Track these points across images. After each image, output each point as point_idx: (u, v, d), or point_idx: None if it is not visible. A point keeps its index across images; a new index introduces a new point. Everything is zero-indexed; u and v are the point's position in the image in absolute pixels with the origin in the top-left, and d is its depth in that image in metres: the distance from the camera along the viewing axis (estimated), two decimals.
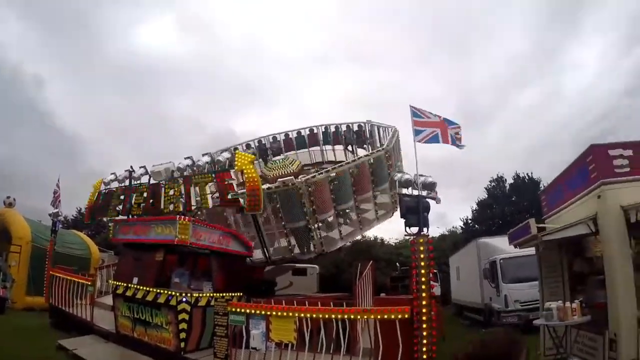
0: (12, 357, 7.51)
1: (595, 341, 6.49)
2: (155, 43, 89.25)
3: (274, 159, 14.72)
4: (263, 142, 17.50)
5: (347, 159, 16.07)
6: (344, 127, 16.40)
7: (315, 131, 17.06)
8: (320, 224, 11.11)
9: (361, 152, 16.00)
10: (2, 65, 60.01)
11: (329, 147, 17.08)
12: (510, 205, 30.96)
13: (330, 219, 11.56)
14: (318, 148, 17.27)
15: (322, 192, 10.53)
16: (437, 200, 6.55)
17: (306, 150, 17.23)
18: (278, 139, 17.43)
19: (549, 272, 8.61)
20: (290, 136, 17.31)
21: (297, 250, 11.34)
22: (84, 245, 17.82)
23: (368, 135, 15.81)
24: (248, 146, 17.66)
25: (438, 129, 7.06)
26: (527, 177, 32.18)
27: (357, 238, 12.56)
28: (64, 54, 74.90)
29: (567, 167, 7.96)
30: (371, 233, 37.89)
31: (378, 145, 14.89)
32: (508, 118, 79.08)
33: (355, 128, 16.19)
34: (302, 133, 17.18)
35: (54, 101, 74.20)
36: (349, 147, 16.49)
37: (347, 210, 12.12)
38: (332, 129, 16.77)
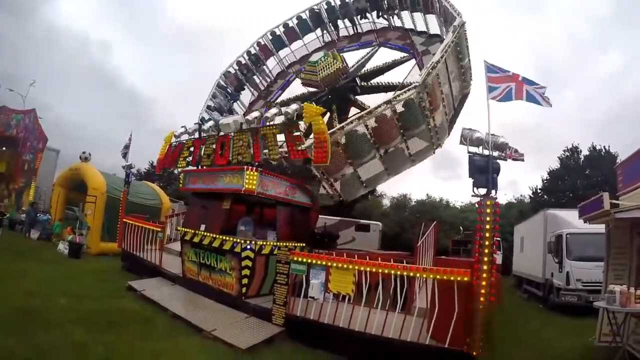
0: (87, 296, 8.23)
1: None
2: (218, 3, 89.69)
3: (311, 60, 13.78)
4: (316, 10, 16.71)
5: (414, 27, 14.82)
6: None
7: None
8: (386, 152, 10.72)
9: (433, 26, 14.33)
10: (71, 35, 64.01)
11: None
12: (583, 178, 29.10)
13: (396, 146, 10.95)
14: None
15: (387, 125, 10.07)
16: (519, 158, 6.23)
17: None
18: (333, 3, 16.50)
19: (616, 254, 7.99)
20: (348, 0, 16.19)
21: (363, 176, 11.02)
22: (155, 195, 18.82)
23: (437, 6, 13.50)
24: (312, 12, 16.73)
25: (513, 84, 6.58)
26: (604, 150, 29.87)
27: (429, 156, 11.79)
28: (126, 17, 78.08)
29: None
30: (437, 194, 37.63)
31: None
32: (585, 83, 72.32)
33: None
34: None
35: (122, 64, 78.26)
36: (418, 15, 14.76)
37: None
38: None
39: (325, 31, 17.38)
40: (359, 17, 16.62)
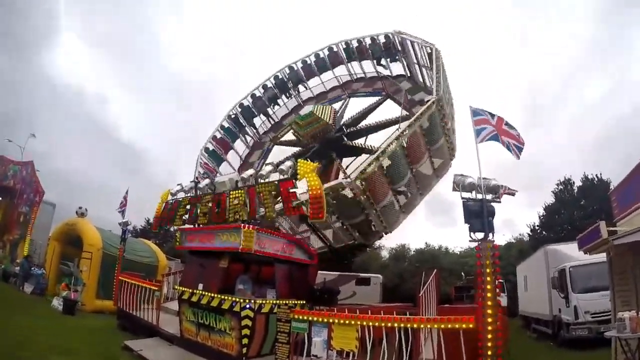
0: (81, 354, 7.99)
1: None
2: (215, 58, 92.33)
3: (300, 114, 14.42)
4: (280, 77, 17.21)
5: (378, 73, 15.67)
6: (368, 40, 15.41)
7: (335, 49, 16.23)
8: (378, 210, 10.90)
9: (396, 67, 15.19)
10: (68, 88, 66.20)
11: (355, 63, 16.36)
12: (579, 209, 29.21)
13: (387, 202, 11.23)
14: (343, 68, 16.61)
15: (375, 182, 10.28)
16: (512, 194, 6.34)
17: (330, 72, 16.81)
18: (295, 68, 17.01)
19: (620, 280, 8.01)
20: (309, 61, 16.77)
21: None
22: (151, 253, 18.60)
23: (399, 48, 14.45)
24: (265, 87, 17.31)
25: (496, 130, 6.81)
26: (596, 179, 30.22)
27: (416, 206, 12.02)
28: (123, 71, 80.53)
29: (639, 162, 7.38)
30: (435, 242, 37.65)
31: (413, 59, 13.83)
32: (573, 114, 73.95)
33: (382, 39, 15.03)
34: (322, 55, 16.46)
35: (118, 117, 79.74)
36: (382, 62, 15.54)
37: (404, 189, 11.65)
38: (355, 43, 15.76)
39: (246, 135, 18.27)
40: (272, 105, 17.81)
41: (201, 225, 9.46)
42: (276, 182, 8.14)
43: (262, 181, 8.45)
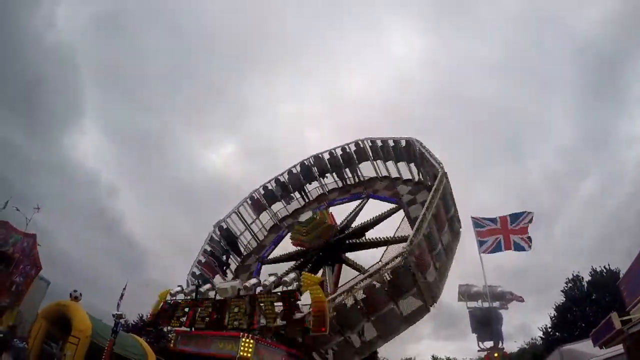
0: None
1: None
2: (218, 165, 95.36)
3: (301, 220, 15.07)
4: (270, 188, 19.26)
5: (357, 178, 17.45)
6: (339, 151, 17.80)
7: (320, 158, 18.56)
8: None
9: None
10: (81, 171, 68.28)
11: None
12: (591, 304, 28.49)
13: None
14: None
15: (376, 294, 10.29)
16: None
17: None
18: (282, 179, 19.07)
19: None
20: (294, 171, 19.15)
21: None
22: (141, 351, 17.44)
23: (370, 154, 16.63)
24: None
25: (500, 236, 6.88)
26: (604, 271, 29.84)
27: (425, 314, 11.74)
28: (137, 169, 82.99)
29: None
30: (443, 354, 35.99)
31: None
32: (573, 212, 73.90)
33: (353, 147, 17.30)
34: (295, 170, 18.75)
35: (124, 210, 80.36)
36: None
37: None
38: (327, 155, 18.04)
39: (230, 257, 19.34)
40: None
41: (198, 330, 9.18)
42: (279, 293, 8.01)
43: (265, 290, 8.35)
